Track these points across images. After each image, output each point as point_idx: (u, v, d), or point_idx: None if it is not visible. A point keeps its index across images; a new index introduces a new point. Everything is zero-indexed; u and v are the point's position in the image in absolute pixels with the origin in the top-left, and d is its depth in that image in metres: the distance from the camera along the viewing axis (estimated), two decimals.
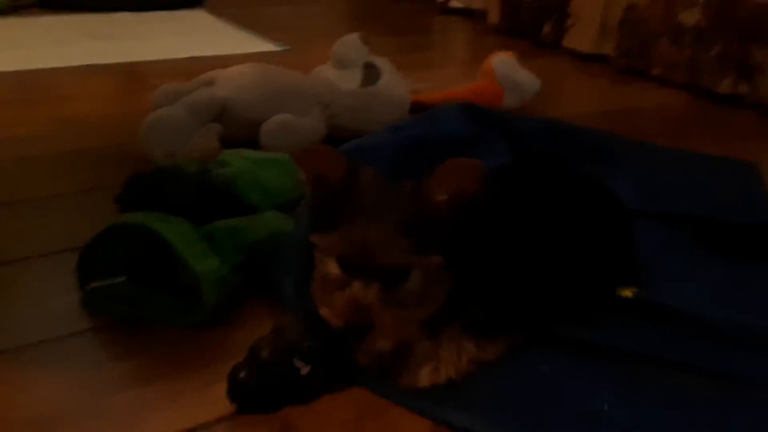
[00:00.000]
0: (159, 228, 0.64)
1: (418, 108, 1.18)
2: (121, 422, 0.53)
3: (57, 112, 1.29)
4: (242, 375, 0.54)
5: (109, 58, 1.67)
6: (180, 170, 0.74)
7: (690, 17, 1.53)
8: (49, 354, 0.62)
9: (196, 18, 2.32)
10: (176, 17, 2.28)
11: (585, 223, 0.68)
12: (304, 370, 0.55)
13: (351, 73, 1.13)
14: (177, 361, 0.61)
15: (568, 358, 0.60)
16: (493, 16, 2.28)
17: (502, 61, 1.33)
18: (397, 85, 1.16)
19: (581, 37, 1.87)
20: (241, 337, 0.64)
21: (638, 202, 0.83)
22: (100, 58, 1.65)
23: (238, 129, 1.07)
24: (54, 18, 2.16)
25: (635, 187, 0.88)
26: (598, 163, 0.91)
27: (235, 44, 1.93)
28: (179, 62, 1.66)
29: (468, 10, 2.44)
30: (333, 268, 0.55)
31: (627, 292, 0.68)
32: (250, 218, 0.74)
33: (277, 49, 1.87)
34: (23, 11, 2.22)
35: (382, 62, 1.17)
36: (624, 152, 0.96)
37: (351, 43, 1.13)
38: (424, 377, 0.57)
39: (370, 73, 1.14)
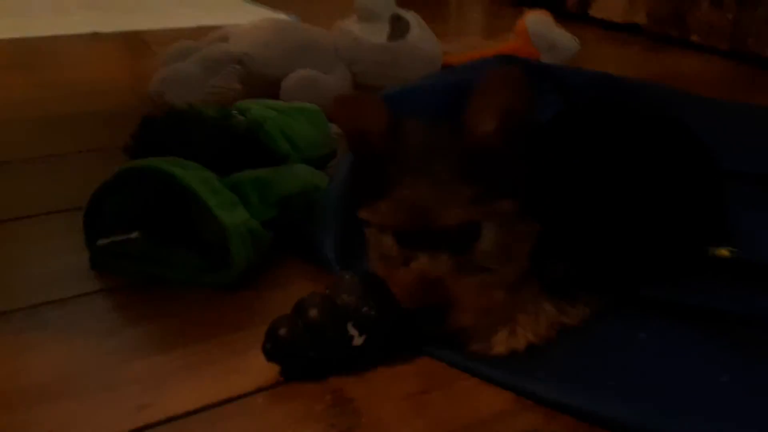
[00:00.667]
0: (178, 173, 0.55)
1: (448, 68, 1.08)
2: (138, 394, 0.44)
3: (58, 76, 1.20)
4: (282, 332, 0.44)
5: (114, 26, 1.57)
6: (197, 114, 0.64)
7: None
8: (53, 317, 0.52)
9: None
10: None
11: (675, 171, 0.58)
12: (358, 340, 0.45)
13: (377, 26, 1.04)
14: (202, 325, 0.52)
15: (666, 323, 0.51)
16: None
17: (536, 20, 1.23)
18: (427, 39, 1.06)
19: (610, 6, 1.77)
20: (275, 300, 0.55)
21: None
22: (103, 27, 1.56)
23: (256, 87, 0.98)
24: None
25: (711, 145, 0.78)
26: None
27: (244, 15, 1.83)
28: (187, 31, 1.56)
29: None
30: (391, 245, 0.47)
31: (723, 252, 0.59)
32: (279, 169, 0.64)
33: (289, 19, 1.78)
34: None
35: (410, 15, 1.07)
36: (694, 108, 0.86)
37: None
38: (501, 342, 0.47)
39: (398, 26, 1.04)
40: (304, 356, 0.45)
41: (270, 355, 0.45)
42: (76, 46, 1.42)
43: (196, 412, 0.42)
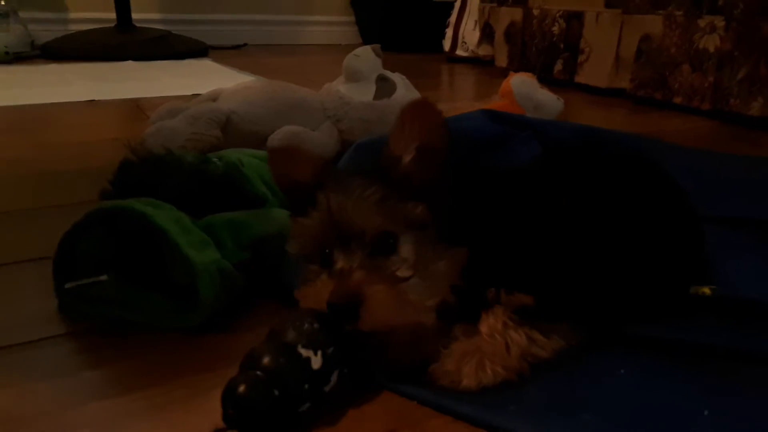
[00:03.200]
0: (149, 212, 0.54)
1: None
2: None
3: (53, 138, 1.22)
4: (241, 389, 0.40)
5: (110, 95, 1.62)
6: (175, 158, 0.64)
7: (711, 42, 1.48)
8: (16, 359, 0.50)
9: (201, 65, 2.30)
10: (181, 65, 2.26)
11: (653, 212, 0.58)
12: (316, 360, 0.42)
13: (364, 87, 1.06)
14: (166, 367, 0.50)
15: (647, 359, 0.49)
16: (501, 60, 2.26)
17: (521, 82, 1.26)
18: (413, 98, 1.08)
19: (595, 72, 1.82)
20: (243, 343, 0.53)
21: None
22: (100, 95, 1.60)
23: (244, 143, 0.99)
24: (57, 65, 2.13)
25: (690, 191, 0.78)
26: None
27: (235, 83, 1.89)
28: (183, 98, 1.61)
29: (474, 57, 2.43)
30: (316, 269, 0.47)
31: (705, 290, 0.57)
32: (254, 212, 0.64)
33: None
34: (26, 61, 2.21)
35: (396, 76, 1.10)
36: (673, 156, 0.87)
37: (364, 56, 1.07)
38: (469, 376, 0.45)
39: (385, 87, 1.07)
40: (270, 406, 0.40)
41: (233, 422, 0.40)
42: (73, 112, 1.45)
43: None
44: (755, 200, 0.82)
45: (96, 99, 1.56)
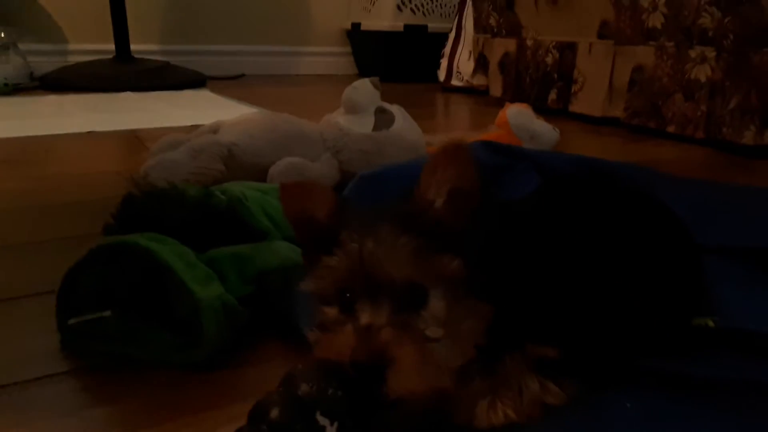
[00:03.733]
0: (153, 248, 0.54)
1: None
2: None
3: (52, 170, 1.23)
4: None
5: (109, 126, 1.63)
6: (179, 192, 0.65)
7: (702, 73, 1.51)
8: (19, 398, 0.50)
9: (199, 95, 2.32)
10: (179, 95, 2.28)
11: (653, 246, 0.58)
12: (330, 429, 0.40)
13: (363, 118, 1.07)
14: (170, 405, 0.49)
15: (652, 392, 0.49)
16: (496, 90, 2.29)
17: (517, 112, 1.28)
18: (411, 130, 1.10)
19: (589, 102, 1.85)
20: (251, 379, 0.54)
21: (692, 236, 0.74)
22: (100, 127, 1.61)
23: (245, 175, 1.00)
24: (56, 96, 2.15)
25: (688, 221, 0.79)
26: None
27: (235, 114, 1.91)
28: (182, 129, 1.62)
29: (469, 87, 2.46)
30: (333, 312, 0.45)
31: (707, 322, 0.58)
32: (258, 245, 0.64)
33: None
34: (25, 92, 2.23)
35: (395, 108, 1.11)
36: (668, 185, 0.88)
37: (362, 88, 1.08)
38: (481, 417, 0.45)
39: (383, 119, 1.08)
40: None
41: None
42: (73, 144, 1.46)
43: None
44: (750, 229, 0.83)
45: (95, 130, 1.57)
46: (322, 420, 0.40)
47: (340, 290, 0.44)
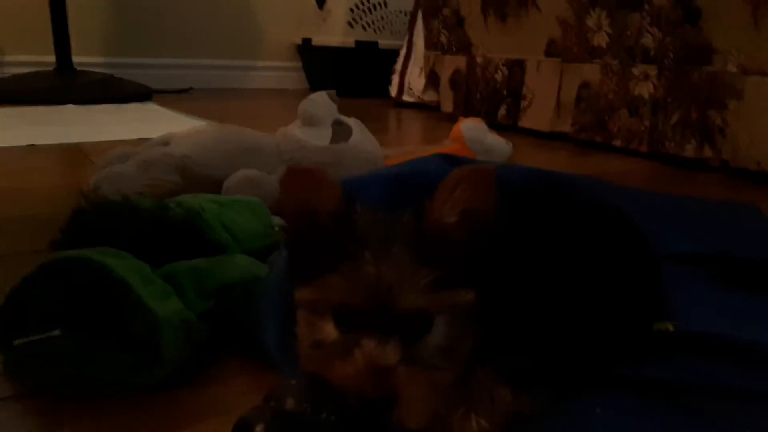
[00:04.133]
0: (109, 263, 0.52)
1: None
2: None
3: None
4: None
5: (51, 139, 1.56)
6: (132, 204, 0.62)
7: (645, 89, 1.57)
8: None
9: (145, 109, 2.26)
10: (124, 108, 2.21)
11: (616, 254, 0.59)
12: None
13: (320, 131, 1.06)
14: (137, 427, 0.47)
15: (620, 397, 0.50)
16: (447, 106, 2.32)
17: (471, 127, 1.30)
18: (369, 142, 1.09)
19: (538, 117, 1.90)
20: (212, 397, 0.51)
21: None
22: (41, 140, 1.54)
23: (198, 188, 0.97)
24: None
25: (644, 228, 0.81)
26: None
27: (183, 127, 1.86)
28: (128, 143, 1.57)
29: (421, 103, 2.49)
30: (329, 330, 0.43)
31: (667, 326, 0.59)
32: (217, 259, 0.62)
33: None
34: None
35: (352, 121, 1.11)
36: (618, 196, 0.90)
37: (319, 101, 1.07)
38: (457, 426, 0.44)
39: (340, 131, 1.08)
40: None
41: None
42: (11, 158, 1.39)
43: None
44: (698, 237, 0.86)
45: (36, 144, 1.50)
46: None
47: (340, 306, 0.42)
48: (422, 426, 0.41)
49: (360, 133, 1.09)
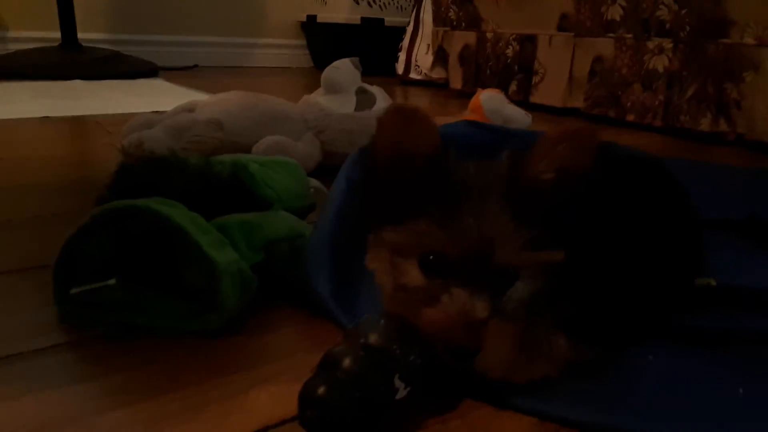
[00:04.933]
0: (166, 212, 0.52)
1: None
2: None
3: (8, 153, 1.15)
4: (321, 390, 0.38)
5: (66, 112, 1.55)
6: (180, 159, 0.62)
7: (660, 63, 1.57)
8: (18, 369, 0.47)
9: (153, 84, 2.25)
10: (132, 84, 2.20)
11: (669, 215, 0.60)
12: (402, 392, 0.40)
13: (344, 98, 1.06)
14: (194, 370, 0.47)
15: (671, 346, 0.51)
16: (456, 83, 2.32)
17: (490, 97, 1.30)
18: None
19: (550, 93, 1.90)
20: (266, 344, 0.52)
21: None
22: (55, 112, 1.53)
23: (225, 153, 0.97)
24: (6, 84, 2.03)
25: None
26: None
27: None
28: (140, 115, 1.56)
29: (428, 80, 2.48)
30: (414, 274, 0.43)
31: (709, 281, 0.60)
32: (265, 214, 0.62)
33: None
34: None
35: (375, 89, 1.11)
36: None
37: (343, 68, 1.07)
38: (518, 371, 0.45)
39: (365, 99, 1.08)
40: (349, 412, 0.38)
41: (310, 424, 0.38)
42: (28, 128, 1.38)
43: None
44: (727, 203, 0.87)
45: (50, 116, 1.49)
46: (398, 383, 0.40)
47: (430, 252, 0.42)
48: (502, 375, 0.43)
49: (384, 101, 1.09)
